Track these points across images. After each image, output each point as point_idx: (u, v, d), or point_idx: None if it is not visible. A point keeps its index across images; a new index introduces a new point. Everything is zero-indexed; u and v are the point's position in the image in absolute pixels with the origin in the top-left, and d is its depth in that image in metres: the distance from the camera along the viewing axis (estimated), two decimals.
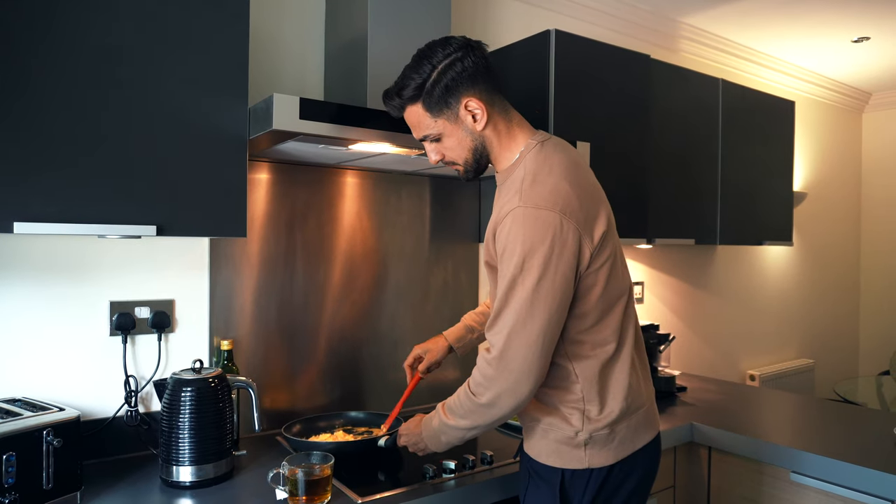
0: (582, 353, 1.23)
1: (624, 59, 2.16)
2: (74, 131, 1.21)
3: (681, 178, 2.46)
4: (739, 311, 3.41)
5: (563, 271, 1.14)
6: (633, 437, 1.27)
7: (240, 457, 1.55)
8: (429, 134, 1.27)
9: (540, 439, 1.27)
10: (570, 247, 1.15)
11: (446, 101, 1.22)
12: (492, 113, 1.25)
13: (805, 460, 1.66)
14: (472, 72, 1.22)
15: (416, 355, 1.66)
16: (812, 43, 3.24)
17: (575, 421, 1.23)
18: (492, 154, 1.29)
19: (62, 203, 1.20)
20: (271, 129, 1.32)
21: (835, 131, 4.12)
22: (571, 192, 1.19)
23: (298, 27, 1.86)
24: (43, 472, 1.23)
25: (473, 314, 1.70)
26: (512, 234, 1.15)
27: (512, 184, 1.23)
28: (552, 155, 1.25)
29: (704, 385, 2.48)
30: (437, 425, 1.30)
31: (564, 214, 1.15)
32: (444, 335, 1.67)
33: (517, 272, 1.14)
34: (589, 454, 1.23)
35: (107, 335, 1.57)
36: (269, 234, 1.80)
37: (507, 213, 1.17)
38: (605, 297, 1.23)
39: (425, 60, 1.22)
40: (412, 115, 1.27)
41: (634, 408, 1.27)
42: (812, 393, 3.78)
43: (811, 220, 3.91)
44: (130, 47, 1.27)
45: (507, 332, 1.15)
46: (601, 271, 1.21)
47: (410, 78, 1.23)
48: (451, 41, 1.23)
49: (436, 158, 1.30)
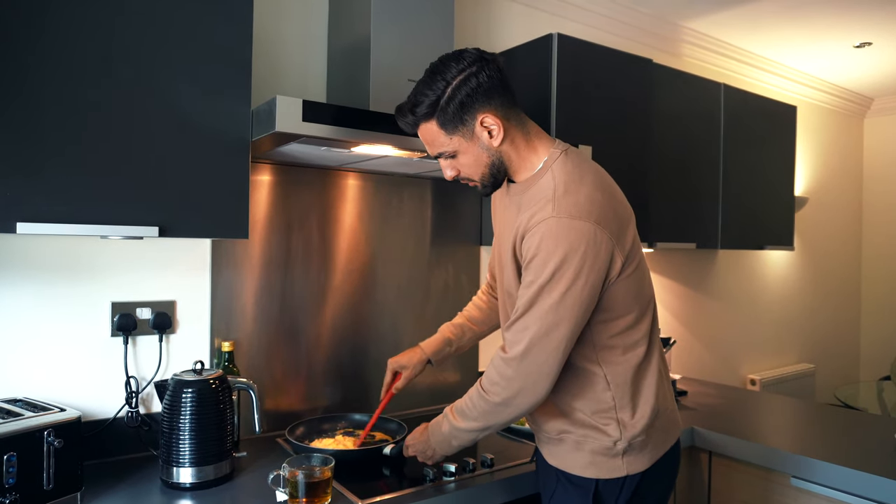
0: (613, 359, 1.23)
1: (626, 62, 2.16)
2: (77, 131, 1.21)
3: (682, 182, 2.46)
4: (740, 315, 3.41)
5: (592, 282, 1.14)
6: (665, 439, 1.29)
7: (240, 458, 1.56)
8: (444, 151, 1.24)
9: (572, 451, 1.27)
10: (602, 257, 1.15)
11: (461, 117, 1.19)
12: (508, 128, 1.22)
13: (806, 465, 1.66)
14: (488, 87, 1.18)
15: (392, 370, 1.62)
16: (814, 48, 3.25)
17: (612, 431, 1.23)
18: (510, 168, 1.27)
19: (65, 203, 1.20)
20: (274, 132, 1.32)
21: (836, 136, 4.13)
22: (605, 201, 1.18)
23: (301, 29, 1.87)
24: (43, 472, 1.23)
25: (451, 326, 1.67)
26: (544, 244, 1.14)
27: (540, 193, 1.21)
28: (581, 164, 1.24)
29: (705, 389, 2.48)
30: (448, 430, 1.30)
31: (599, 225, 1.14)
32: (422, 347, 1.63)
33: (546, 280, 1.14)
34: (626, 462, 1.23)
35: (108, 336, 1.57)
36: (270, 236, 1.80)
37: (540, 221, 1.16)
38: (639, 300, 1.24)
39: (438, 76, 1.19)
40: (426, 133, 1.24)
41: (663, 410, 1.28)
42: (813, 398, 3.78)
43: (812, 224, 3.91)
44: (134, 47, 1.27)
45: (529, 336, 1.15)
46: (633, 276, 1.21)
47: (424, 94, 1.20)
48: (464, 55, 1.19)
49: (452, 174, 1.28)
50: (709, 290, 3.22)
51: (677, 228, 2.45)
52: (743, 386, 3.41)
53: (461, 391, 1.36)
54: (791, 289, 3.78)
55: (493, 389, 1.20)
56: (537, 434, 1.36)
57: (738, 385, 3.38)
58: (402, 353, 1.64)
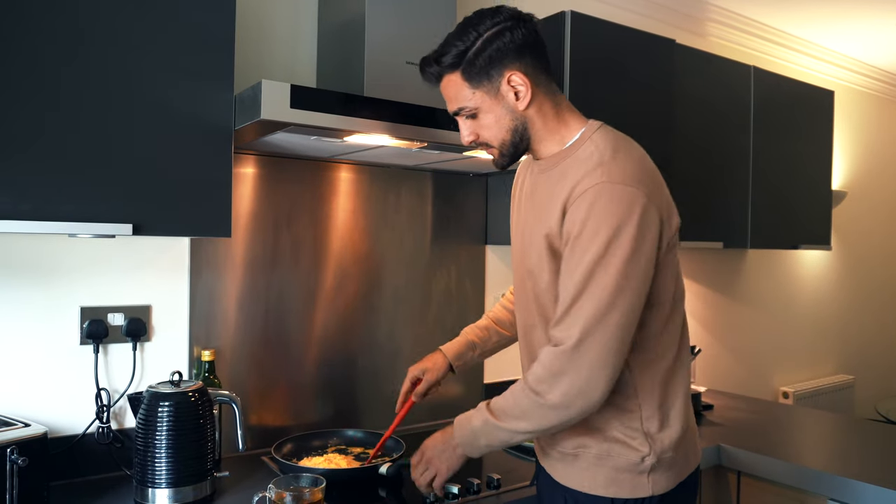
0: (641, 360, 1.21)
1: (646, 43, 2.16)
2: (41, 120, 1.21)
3: (708, 175, 2.45)
4: (772, 321, 3.40)
5: (647, 255, 1.14)
6: (690, 460, 1.28)
7: (222, 478, 1.55)
8: (464, 107, 1.24)
9: (591, 468, 1.23)
10: (654, 230, 1.14)
11: (488, 72, 1.20)
12: (536, 92, 1.23)
13: (844, 486, 1.65)
14: (521, 44, 1.20)
15: (413, 377, 1.60)
16: (854, 27, 3.23)
17: (639, 444, 1.21)
18: (533, 138, 1.27)
19: (29, 199, 1.20)
20: (259, 119, 1.32)
21: (878, 124, 4.12)
22: (656, 173, 1.21)
23: (289, 8, 1.86)
24: (6, 493, 1.23)
25: (476, 328, 1.66)
26: (595, 212, 1.12)
27: (584, 160, 1.20)
28: (624, 136, 1.27)
29: (733, 403, 2.47)
30: (480, 425, 1.24)
31: (650, 194, 1.15)
32: (443, 351, 1.62)
33: (599, 254, 1.11)
34: (652, 480, 1.21)
35: (77, 344, 1.57)
36: (255, 234, 1.80)
37: (588, 188, 1.14)
38: (676, 294, 1.24)
39: (471, 28, 1.21)
40: (449, 86, 1.25)
41: (691, 424, 1.28)
42: (852, 412, 3.77)
43: (852, 221, 3.90)
44: (104, 28, 1.27)
45: (583, 322, 1.12)
46: (672, 262, 1.22)
47: (453, 45, 1.21)
48: (501, 10, 1.22)
49: (469, 138, 1.28)
50: (737, 294, 3.21)
51: (702, 226, 2.44)
52: (775, 399, 3.41)
53: (465, 407, 1.34)
54: (828, 292, 3.77)
55: (542, 388, 1.16)
56: (545, 450, 1.33)
57: (769, 398, 3.37)
58: (423, 359, 1.63)
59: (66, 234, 1.26)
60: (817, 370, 3.69)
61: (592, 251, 1.11)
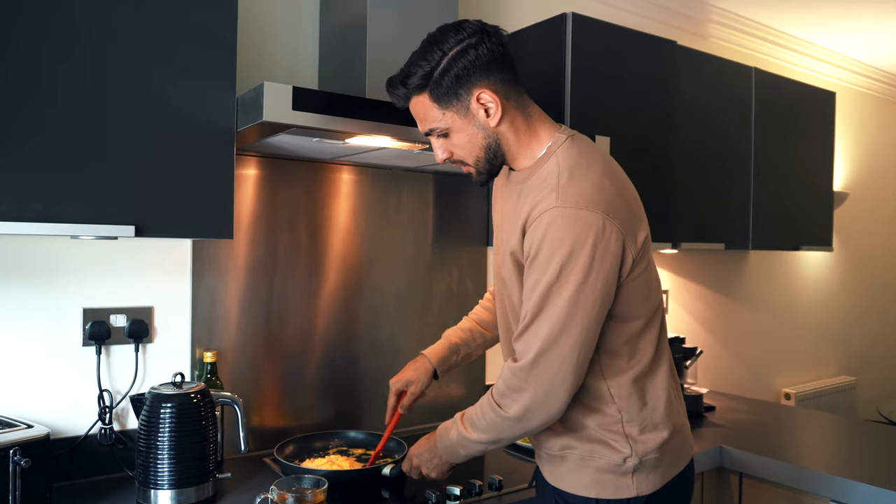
0: (617, 368, 1.23)
1: (647, 45, 2.17)
2: (41, 120, 1.22)
3: (709, 177, 2.46)
4: (774, 323, 3.41)
5: (604, 278, 1.14)
6: (678, 459, 1.29)
7: (224, 480, 1.56)
8: (435, 128, 1.24)
9: (576, 469, 1.26)
10: (613, 251, 1.14)
11: (456, 92, 1.20)
12: (507, 107, 1.23)
13: (846, 488, 1.66)
14: (487, 61, 1.19)
15: (397, 391, 1.60)
16: (855, 28, 3.25)
17: (621, 446, 1.22)
18: (508, 153, 1.27)
19: (31, 201, 1.21)
20: (261, 121, 1.33)
21: (880, 125, 4.13)
22: (614, 189, 1.18)
23: (291, 10, 1.87)
24: (9, 494, 1.23)
25: (458, 330, 1.65)
26: (549, 237, 1.14)
27: (543, 180, 1.21)
28: (588, 150, 1.24)
29: (735, 404, 2.48)
30: (456, 438, 1.30)
31: (608, 215, 1.14)
32: (426, 355, 1.61)
33: (553, 279, 1.13)
34: (636, 481, 1.23)
35: (79, 345, 1.58)
36: (257, 236, 1.81)
37: (543, 212, 1.16)
38: (647, 305, 1.24)
39: (435, 46, 1.20)
40: (418, 107, 1.25)
41: (678, 426, 1.28)
42: (854, 414, 3.77)
43: (853, 222, 3.91)
44: (106, 28, 1.28)
45: (539, 342, 1.15)
46: (642, 278, 1.22)
47: (417, 65, 1.21)
48: (464, 25, 1.20)
49: (443, 156, 1.28)
50: (739, 296, 3.22)
51: (704, 227, 2.45)
52: (776, 401, 3.41)
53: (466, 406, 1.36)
54: (830, 293, 3.78)
55: (504, 402, 1.21)
56: (537, 452, 1.36)
57: (771, 400, 3.37)
58: (405, 369, 1.61)
59: (68, 235, 1.27)
60: (819, 371, 3.70)
61: (548, 275, 1.14)
